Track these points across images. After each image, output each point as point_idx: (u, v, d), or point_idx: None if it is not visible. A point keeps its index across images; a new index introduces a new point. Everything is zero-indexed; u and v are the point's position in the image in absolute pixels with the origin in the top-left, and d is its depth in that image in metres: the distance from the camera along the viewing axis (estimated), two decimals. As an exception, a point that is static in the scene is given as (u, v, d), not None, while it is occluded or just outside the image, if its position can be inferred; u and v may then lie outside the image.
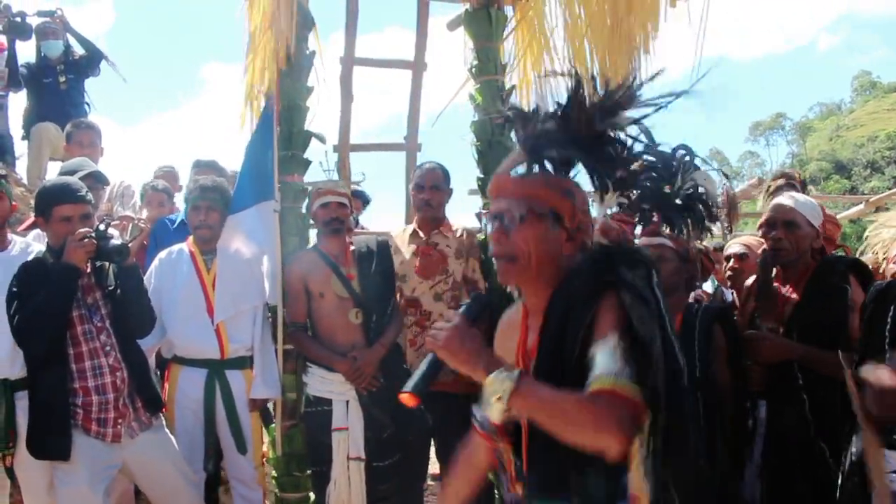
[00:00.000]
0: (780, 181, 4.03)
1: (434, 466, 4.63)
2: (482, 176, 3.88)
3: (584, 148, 1.79)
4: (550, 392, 1.56)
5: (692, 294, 3.56)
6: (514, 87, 4.10)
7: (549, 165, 1.82)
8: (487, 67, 4.05)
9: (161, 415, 3.52)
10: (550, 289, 1.75)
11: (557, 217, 1.75)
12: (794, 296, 3.14)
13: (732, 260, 4.01)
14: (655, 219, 1.97)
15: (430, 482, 5.13)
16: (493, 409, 1.63)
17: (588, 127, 1.77)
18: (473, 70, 4.09)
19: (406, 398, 1.74)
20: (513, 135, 3.92)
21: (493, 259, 1.81)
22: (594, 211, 1.87)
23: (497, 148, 3.86)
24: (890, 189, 12.74)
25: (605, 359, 1.56)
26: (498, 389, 1.57)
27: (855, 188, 40.25)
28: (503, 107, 2.10)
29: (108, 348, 3.28)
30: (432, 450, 4.22)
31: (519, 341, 1.87)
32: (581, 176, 1.86)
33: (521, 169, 1.82)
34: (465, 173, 3.94)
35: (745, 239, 3.87)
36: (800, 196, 3.29)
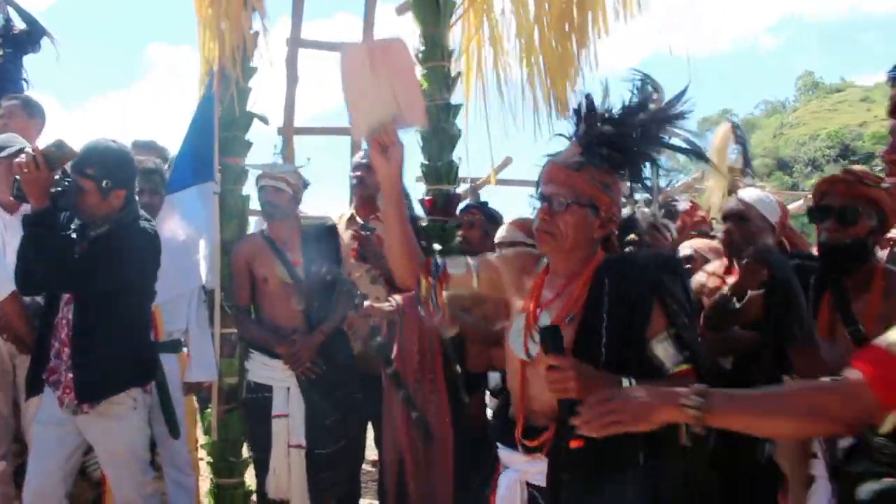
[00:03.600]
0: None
1: (371, 452, 4.63)
2: (426, 162, 3.87)
3: (633, 155, 2.12)
4: (745, 396, 1.61)
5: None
6: (460, 73, 4.09)
7: (598, 159, 2.09)
8: (434, 53, 4.02)
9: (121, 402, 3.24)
10: (575, 260, 2.12)
11: (595, 208, 2.08)
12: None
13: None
14: None
15: (368, 468, 5.13)
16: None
17: (642, 138, 2.10)
18: (420, 56, 4.06)
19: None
20: (457, 121, 3.98)
21: (535, 231, 2.12)
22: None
23: (441, 135, 3.85)
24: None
25: None
26: (692, 415, 1.58)
27: (796, 185, 41.34)
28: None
29: (67, 310, 3.14)
30: (370, 436, 4.21)
31: (534, 292, 2.16)
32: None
33: (573, 159, 2.09)
34: (410, 161, 3.90)
35: (693, 242, 3.91)
36: (757, 192, 3.33)
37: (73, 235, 3.07)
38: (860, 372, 1.47)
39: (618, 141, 2.10)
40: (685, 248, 3.86)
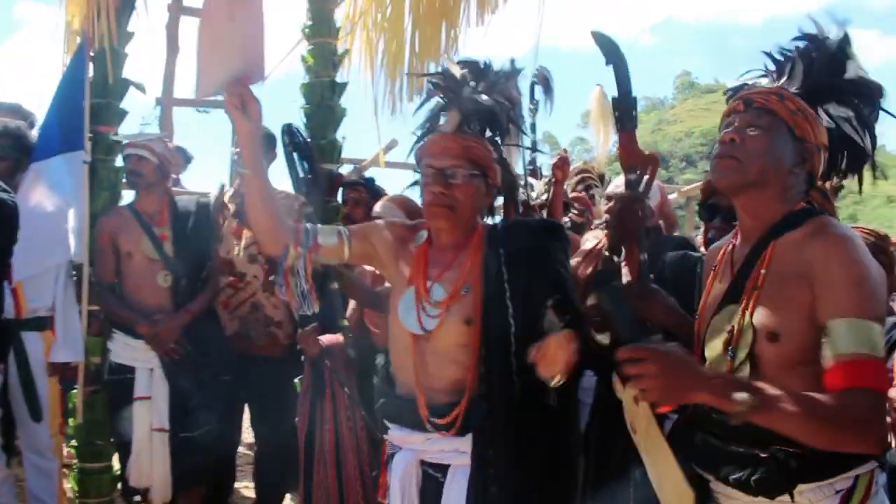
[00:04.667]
0: (578, 178, 4.20)
1: (248, 434, 4.55)
2: (309, 139, 3.80)
3: (504, 115, 2.17)
4: (800, 396, 1.49)
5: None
6: (347, 51, 4.04)
7: (474, 127, 2.13)
8: (321, 30, 3.95)
9: None
10: (462, 230, 2.11)
11: (486, 176, 2.10)
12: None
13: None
14: None
15: (244, 451, 5.03)
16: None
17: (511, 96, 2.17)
18: (307, 31, 3.99)
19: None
20: (342, 99, 3.93)
21: (428, 206, 2.07)
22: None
23: (325, 112, 3.79)
24: (701, 181, 13.73)
25: None
26: (738, 405, 1.46)
27: (671, 179, 43.34)
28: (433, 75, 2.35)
29: None
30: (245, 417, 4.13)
31: (419, 265, 2.13)
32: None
33: (454, 129, 2.10)
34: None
35: (597, 233, 3.98)
36: None
37: None
38: (871, 388, 1.48)
39: (491, 107, 2.13)
40: (590, 240, 3.94)
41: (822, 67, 1.80)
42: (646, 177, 2.16)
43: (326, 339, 3.38)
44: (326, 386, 3.41)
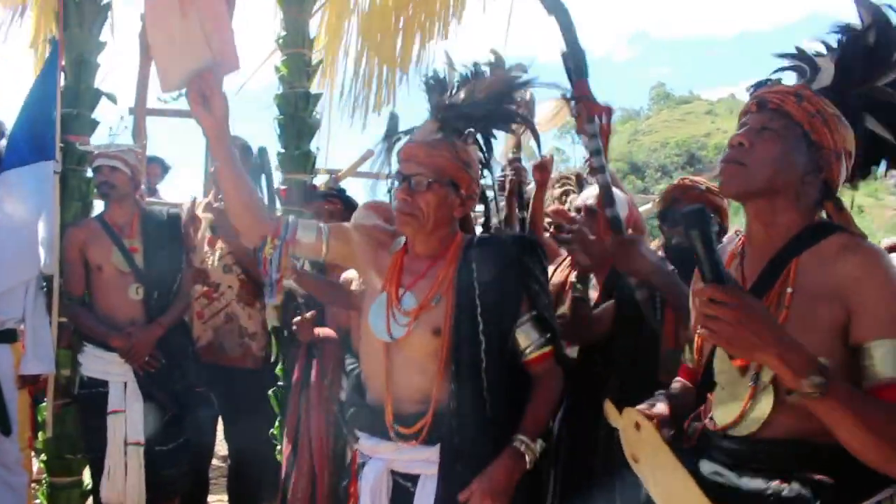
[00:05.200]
0: (560, 189, 4.22)
1: (221, 447, 4.51)
2: (282, 151, 3.79)
3: (487, 114, 2.14)
4: (863, 396, 1.38)
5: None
6: (321, 61, 4.03)
7: (455, 133, 2.10)
8: (295, 40, 3.94)
9: None
10: (436, 241, 2.10)
11: (456, 186, 2.07)
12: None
13: None
14: None
15: (218, 463, 4.99)
16: (729, 402, 1.58)
17: (491, 108, 2.12)
18: (281, 42, 3.98)
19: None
20: (316, 110, 3.92)
21: (395, 213, 2.07)
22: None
23: (299, 123, 3.78)
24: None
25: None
26: (806, 386, 1.32)
27: (647, 189, 43.66)
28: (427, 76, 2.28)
29: None
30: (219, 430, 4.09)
31: (394, 272, 2.13)
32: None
33: (431, 136, 2.08)
34: (271, 146, 3.82)
35: None
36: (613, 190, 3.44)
37: None
38: None
39: (470, 111, 2.12)
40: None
41: (857, 63, 1.69)
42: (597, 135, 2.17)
43: (322, 331, 3.37)
44: (311, 379, 3.39)
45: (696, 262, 1.37)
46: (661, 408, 1.77)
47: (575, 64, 2.15)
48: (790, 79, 1.82)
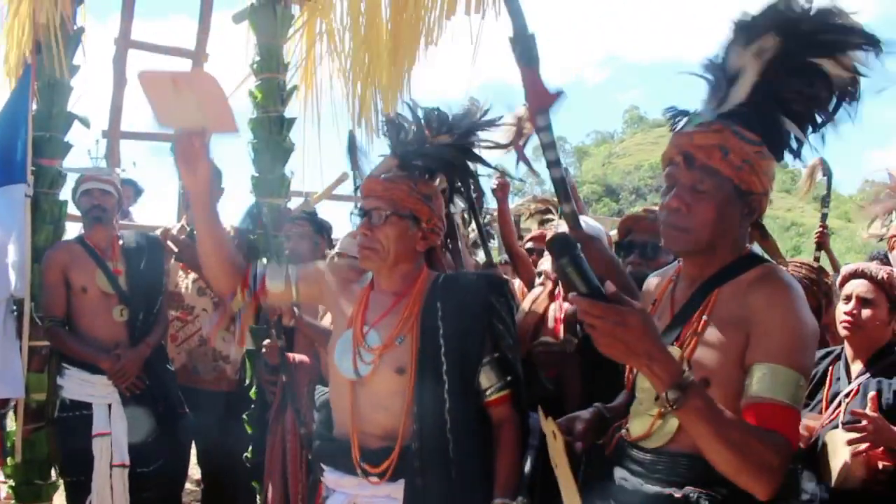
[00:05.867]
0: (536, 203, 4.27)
1: (195, 470, 4.48)
2: (256, 175, 3.81)
3: (446, 161, 2.20)
4: (721, 412, 1.46)
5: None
6: (295, 87, 4.06)
7: (416, 172, 2.15)
8: (270, 65, 3.97)
9: None
10: (400, 275, 2.12)
11: (416, 219, 2.09)
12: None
13: (542, 276, 4.06)
14: None
15: (191, 487, 4.94)
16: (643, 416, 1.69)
17: (453, 148, 2.18)
18: (255, 66, 4.01)
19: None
20: (291, 134, 3.95)
21: (358, 248, 2.11)
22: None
23: (273, 147, 3.80)
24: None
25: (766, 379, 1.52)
26: (670, 396, 1.43)
27: (621, 211, 44.06)
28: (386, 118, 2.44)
29: None
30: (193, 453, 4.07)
31: (359, 308, 2.14)
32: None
33: (391, 173, 2.13)
34: (245, 170, 3.84)
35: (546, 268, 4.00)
36: (585, 219, 3.48)
37: None
38: (780, 433, 1.47)
39: (430, 152, 2.17)
40: (546, 263, 3.99)
41: (779, 76, 1.69)
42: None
43: (297, 356, 3.36)
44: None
45: (570, 287, 1.43)
46: (580, 423, 1.88)
47: (523, 51, 2.05)
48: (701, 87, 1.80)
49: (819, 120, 1.72)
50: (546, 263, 3.86)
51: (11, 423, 3.98)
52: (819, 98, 1.70)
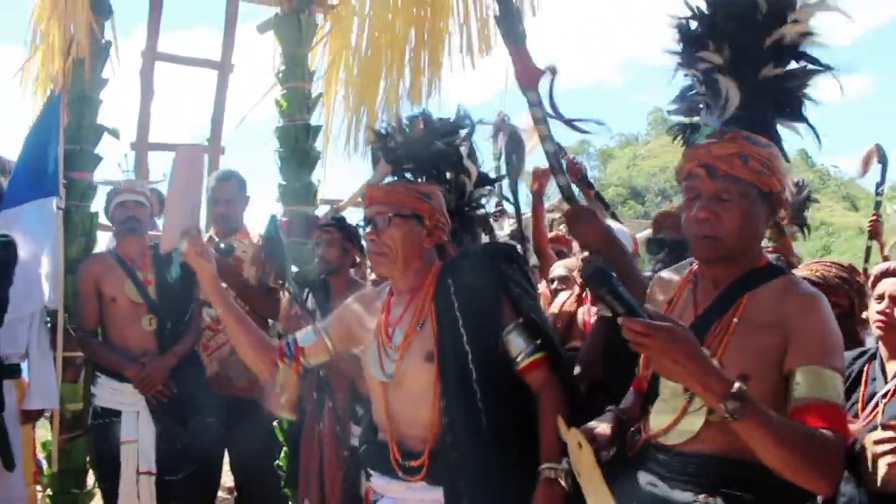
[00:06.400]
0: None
1: (228, 478, 4.49)
2: (283, 183, 3.83)
3: (435, 160, 2.25)
4: (774, 415, 1.49)
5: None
6: (321, 95, 4.09)
7: (410, 175, 2.23)
8: (295, 74, 4.01)
9: None
10: (413, 274, 2.15)
11: (419, 217, 2.12)
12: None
13: (556, 282, 4.08)
14: None
15: (224, 495, 4.97)
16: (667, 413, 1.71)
17: (436, 144, 2.22)
18: (280, 76, 4.04)
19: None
20: (317, 143, 3.97)
21: (368, 257, 2.18)
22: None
23: (300, 155, 3.83)
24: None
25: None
26: (724, 409, 1.44)
27: (647, 213, 43.68)
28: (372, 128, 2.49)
29: None
30: (226, 461, 4.08)
31: (384, 312, 2.19)
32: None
33: (388, 179, 2.20)
34: (272, 179, 3.87)
35: (567, 262, 3.98)
36: (614, 224, 3.45)
37: None
38: (832, 430, 1.51)
39: (419, 154, 2.24)
40: (558, 268, 3.96)
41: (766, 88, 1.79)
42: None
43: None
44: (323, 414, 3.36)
45: (615, 315, 1.47)
46: (604, 428, 1.86)
47: (509, 29, 2.09)
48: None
49: (805, 107, 1.81)
50: (559, 269, 3.86)
51: (46, 433, 4.03)
52: (796, 76, 1.80)
